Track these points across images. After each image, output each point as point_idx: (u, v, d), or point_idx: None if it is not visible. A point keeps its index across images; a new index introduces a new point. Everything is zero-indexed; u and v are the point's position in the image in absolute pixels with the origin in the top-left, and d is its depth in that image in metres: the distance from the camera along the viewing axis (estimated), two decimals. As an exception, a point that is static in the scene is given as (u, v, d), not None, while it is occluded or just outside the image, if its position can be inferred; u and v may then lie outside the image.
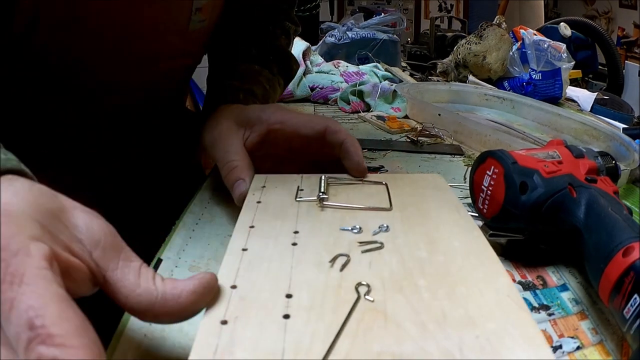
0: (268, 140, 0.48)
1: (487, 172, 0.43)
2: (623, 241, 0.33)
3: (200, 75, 0.70)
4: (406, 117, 0.87)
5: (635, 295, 0.30)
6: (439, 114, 0.78)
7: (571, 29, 1.42)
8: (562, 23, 1.42)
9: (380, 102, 0.91)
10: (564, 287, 0.40)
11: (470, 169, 0.47)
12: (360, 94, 0.91)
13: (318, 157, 0.48)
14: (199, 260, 0.40)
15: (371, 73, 1.07)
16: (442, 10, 3.90)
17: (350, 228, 0.34)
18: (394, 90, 0.92)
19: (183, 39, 0.54)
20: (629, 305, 0.30)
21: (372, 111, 0.89)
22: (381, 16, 1.36)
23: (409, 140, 0.74)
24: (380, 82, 1.01)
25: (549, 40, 1.07)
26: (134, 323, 0.32)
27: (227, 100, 0.55)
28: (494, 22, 1.10)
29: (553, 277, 0.41)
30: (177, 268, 0.39)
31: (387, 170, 0.62)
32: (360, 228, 0.34)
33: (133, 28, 0.48)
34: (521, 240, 0.41)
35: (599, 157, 0.45)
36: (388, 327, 0.25)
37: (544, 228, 0.40)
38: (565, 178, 0.40)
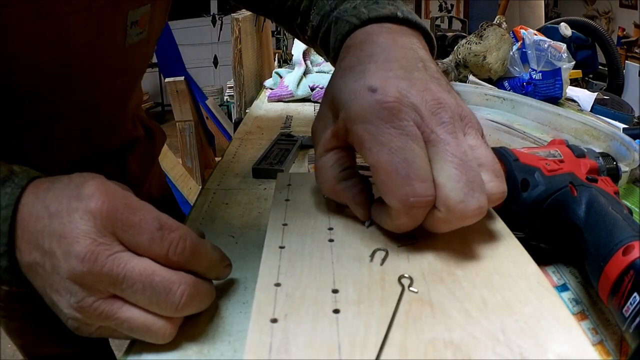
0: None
1: None
2: (623, 240, 0.33)
3: (201, 74, 0.70)
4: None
5: (635, 294, 0.30)
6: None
7: (571, 29, 1.42)
8: (562, 23, 1.42)
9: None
10: (564, 287, 0.40)
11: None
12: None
13: None
14: (199, 260, 0.40)
15: (371, 73, 1.07)
16: (442, 10, 3.90)
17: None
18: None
19: (122, 55, 0.49)
20: (628, 303, 0.30)
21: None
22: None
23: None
24: (381, 82, 1.01)
25: (549, 40, 1.07)
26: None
27: (343, 35, 0.39)
28: (494, 22, 1.10)
29: (553, 276, 0.41)
30: (178, 267, 0.39)
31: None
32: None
33: (68, 50, 0.43)
34: (521, 238, 0.41)
35: (600, 158, 0.45)
36: (435, 315, 0.26)
37: (545, 226, 0.40)
38: (566, 177, 0.40)
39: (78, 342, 0.74)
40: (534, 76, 1.03)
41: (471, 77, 1.08)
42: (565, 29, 1.39)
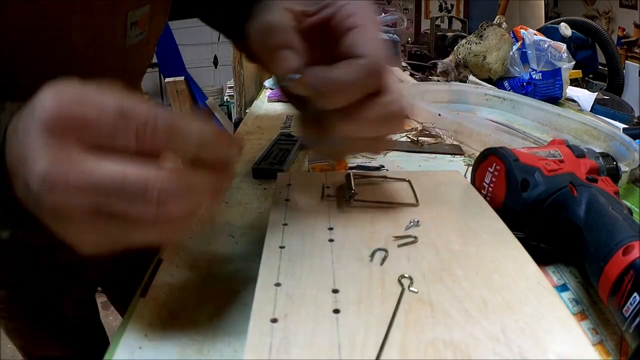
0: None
1: (489, 169, 0.43)
2: (623, 240, 0.33)
3: (201, 74, 0.70)
4: (406, 117, 0.87)
5: (635, 294, 0.30)
6: (439, 114, 0.78)
7: (571, 29, 1.42)
8: (562, 23, 1.42)
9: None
10: (564, 287, 0.40)
11: (470, 168, 0.47)
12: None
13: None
14: (199, 260, 0.40)
15: (371, 73, 1.07)
16: (442, 10, 3.90)
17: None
18: (394, 90, 0.92)
19: (122, 56, 0.49)
20: (628, 303, 0.30)
21: (372, 111, 0.89)
22: (381, 16, 1.36)
23: (409, 140, 0.74)
24: (381, 82, 1.01)
25: (549, 40, 1.07)
26: (135, 323, 0.32)
27: None
28: (494, 22, 1.10)
29: (553, 276, 0.41)
30: (177, 268, 0.39)
31: (387, 170, 0.62)
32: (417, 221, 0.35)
33: (67, 51, 0.43)
34: (521, 238, 0.41)
35: (600, 158, 0.45)
36: (435, 315, 0.26)
37: (545, 226, 0.40)
38: (566, 177, 0.40)
39: (78, 342, 0.74)
40: (534, 76, 1.03)
41: (471, 77, 1.08)
42: (565, 29, 1.39)
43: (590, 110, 1.08)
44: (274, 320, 0.25)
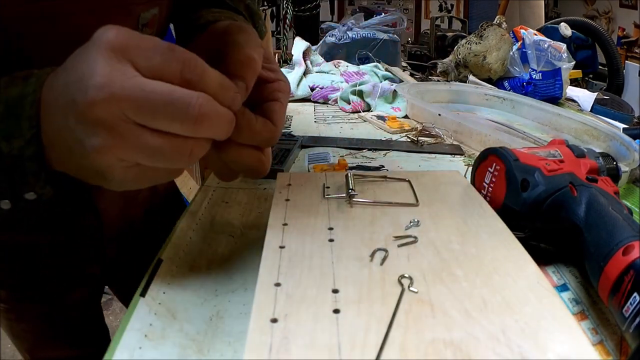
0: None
1: (489, 169, 0.43)
2: (623, 240, 0.33)
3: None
4: (406, 117, 0.87)
5: (635, 294, 0.30)
6: (439, 114, 0.78)
7: (571, 29, 1.42)
8: (562, 23, 1.42)
9: (380, 102, 0.91)
10: (564, 287, 0.40)
11: (470, 168, 0.47)
12: (360, 94, 0.91)
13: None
14: (199, 260, 0.40)
15: (371, 73, 1.07)
16: (442, 10, 3.90)
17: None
18: (394, 90, 0.92)
19: None
20: (628, 303, 0.30)
21: (372, 111, 0.89)
22: (381, 16, 1.36)
23: (409, 140, 0.74)
24: (381, 82, 1.01)
25: (549, 40, 1.07)
26: (135, 323, 0.32)
27: (198, 26, 0.49)
28: (494, 22, 1.10)
29: (553, 276, 0.41)
30: (177, 268, 0.39)
31: (387, 170, 0.62)
32: (417, 221, 0.36)
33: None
34: (521, 238, 0.41)
35: (600, 158, 0.45)
36: (435, 315, 0.26)
37: (545, 226, 0.40)
38: (566, 177, 0.40)
39: (83, 343, 0.74)
40: (534, 76, 1.03)
41: (471, 77, 1.08)
42: (565, 29, 1.39)
43: (590, 110, 1.08)
44: (274, 320, 0.25)
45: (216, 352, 0.31)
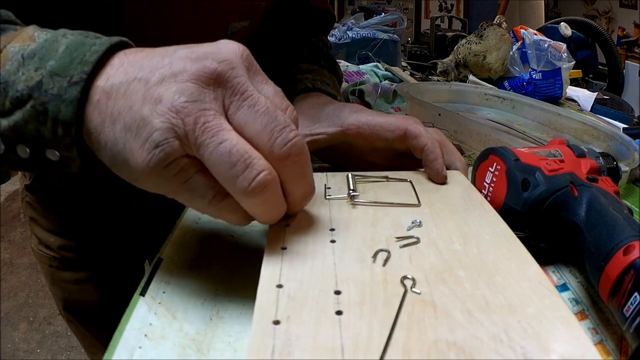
0: (344, 140, 0.47)
1: (490, 168, 0.43)
2: (623, 240, 0.33)
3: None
4: (406, 116, 0.87)
5: (635, 294, 0.30)
6: (439, 114, 0.78)
7: (571, 28, 1.42)
8: (562, 23, 1.42)
9: (380, 101, 0.91)
10: (564, 287, 0.40)
11: (471, 168, 0.47)
12: (360, 94, 0.91)
13: (403, 157, 0.47)
14: (199, 260, 0.40)
15: (371, 73, 1.07)
16: (442, 10, 3.90)
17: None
18: (394, 90, 0.92)
19: None
20: (628, 303, 0.30)
21: (372, 111, 0.89)
22: (381, 16, 1.36)
23: (409, 139, 0.73)
24: (381, 81, 1.01)
25: (549, 40, 1.07)
26: (135, 323, 0.32)
27: (298, 90, 0.54)
28: (494, 22, 1.10)
29: (553, 276, 0.41)
30: (177, 268, 0.39)
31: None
32: (420, 222, 0.36)
33: (170, 41, 0.47)
34: (522, 238, 0.41)
35: (601, 158, 0.45)
36: (438, 316, 0.26)
37: (545, 226, 0.40)
38: (566, 176, 0.40)
39: (121, 304, 0.77)
40: (534, 76, 1.03)
41: (471, 77, 1.08)
42: (565, 29, 1.39)
43: (590, 110, 1.08)
44: (277, 322, 0.25)
45: (216, 352, 0.31)
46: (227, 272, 0.39)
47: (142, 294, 0.35)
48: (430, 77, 1.22)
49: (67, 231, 0.70)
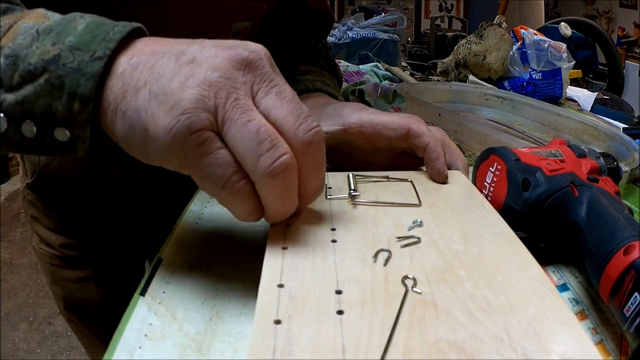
0: (345, 139, 0.47)
1: (490, 168, 0.43)
2: (624, 240, 0.33)
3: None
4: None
5: (636, 294, 0.30)
6: (439, 114, 0.78)
7: (571, 28, 1.42)
8: (562, 23, 1.42)
9: (380, 101, 0.91)
10: (564, 287, 0.40)
11: (471, 168, 0.47)
12: (360, 94, 0.91)
13: (405, 156, 0.47)
14: (199, 260, 0.40)
15: (371, 73, 1.07)
16: (442, 10, 3.90)
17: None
18: (394, 90, 0.92)
19: None
20: (629, 303, 0.30)
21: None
22: (381, 16, 1.36)
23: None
24: (381, 81, 1.01)
25: (549, 40, 1.07)
26: (135, 323, 0.32)
27: (299, 91, 0.54)
28: (494, 22, 1.10)
29: (553, 276, 0.41)
30: (178, 268, 0.39)
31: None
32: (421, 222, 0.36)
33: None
34: (522, 237, 0.41)
35: (601, 158, 0.45)
36: (439, 316, 0.26)
37: (546, 226, 0.40)
38: (567, 176, 0.40)
39: (122, 305, 0.77)
40: (534, 76, 1.03)
41: (471, 77, 1.08)
42: (565, 29, 1.39)
43: (590, 110, 1.08)
44: (278, 322, 0.25)
45: (216, 352, 0.30)
46: (227, 272, 0.39)
47: (142, 293, 0.35)
48: (430, 77, 1.22)
49: (69, 229, 0.70)
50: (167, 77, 0.28)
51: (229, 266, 0.40)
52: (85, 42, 0.29)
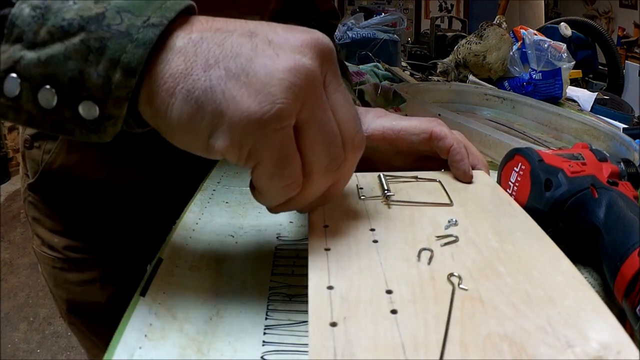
0: (368, 145, 0.47)
1: (515, 168, 0.44)
2: (639, 241, 0.34)
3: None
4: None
5: (648, 294, 0.30)
6: (439, 114, 0.78)
7: (571, 28, 1.42)
8: (562, 23, 1.42)
9: (380, 101, 0.91)
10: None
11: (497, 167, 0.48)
12: (360, 94, 0.91)
13: (425, 159, 0.47)
14: (199, 260, 0.40)
15: (371, 73, 1.07)
16: (442, 10, 3.91)
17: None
18: (394, 90, 0.92)
19: None
20: (642, 302, 0.30)
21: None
22: (381, 16, 1.36)
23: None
24: (381, 81, 1.01)
25: (549, 40, 1.07)
26: (135, 323, 0.32)
27: None
28: (494, 22, 1.10)
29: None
30: (177, 268, 0.39)
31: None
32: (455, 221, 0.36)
33: None
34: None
35: (622, 163, 0.46)
36: (487, 311, 0.26)
37: (566, 226, 0.41)
38: (588, 179, 0.41)
39: (124, 304, 0.77)
40: (534, 76, 1.03)
41: (471, 77, 1.08)
42: (565, 29, 1.39)
43: (590, 110, 1.08)
44: (334, 324, 0.25)
45: (216, 352, 0.30)
46: (227, 272, 0.39)
47: (142, 294, 0.35)
48: (430, 77, 1.22)
49: (72, 231, 0.69)
50: (244, 56, 0.26)
51: (229, 266, 0.40)
52: (138, 6, 0.25)
